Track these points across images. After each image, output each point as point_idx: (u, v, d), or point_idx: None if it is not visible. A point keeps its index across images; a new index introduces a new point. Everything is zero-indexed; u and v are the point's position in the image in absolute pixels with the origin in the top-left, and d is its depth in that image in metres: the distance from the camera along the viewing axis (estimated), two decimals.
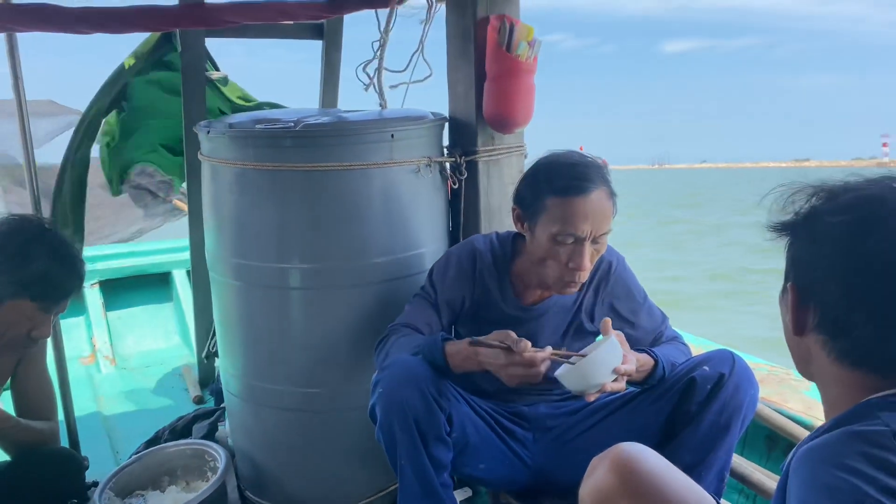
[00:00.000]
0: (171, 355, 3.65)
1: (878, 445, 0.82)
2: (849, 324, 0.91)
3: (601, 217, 1.71)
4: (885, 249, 0.87)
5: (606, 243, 1.78)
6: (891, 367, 0.90)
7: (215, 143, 2.14)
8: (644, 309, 1.92)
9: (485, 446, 1.84)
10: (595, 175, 1.73)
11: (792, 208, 0.99)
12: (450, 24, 2.34)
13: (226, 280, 2.20)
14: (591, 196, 1.69)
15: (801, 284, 0.97)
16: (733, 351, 1.75)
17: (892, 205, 0.90)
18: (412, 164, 2.11)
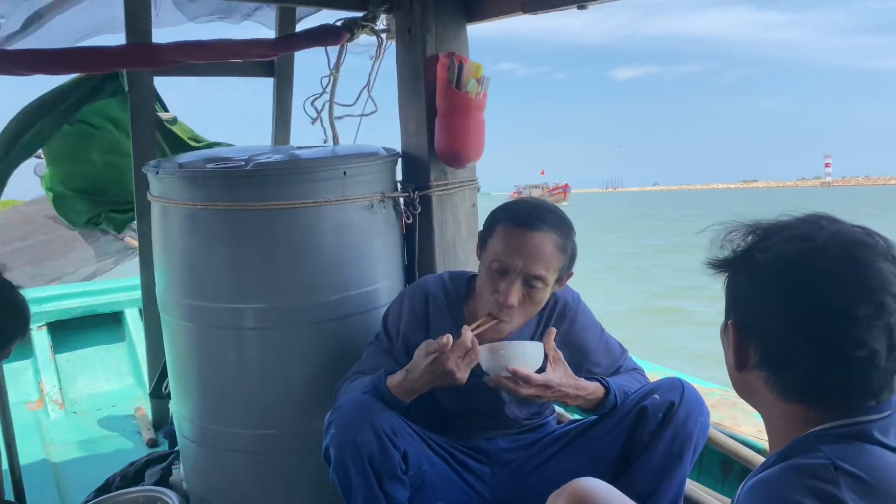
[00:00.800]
0: (124, 397, 3.55)
1: (820, 479, 0.84)
2: (789, 359, 0.93)
3: (537, 258, 1.70)
4: (820, 286, 0.90)
5: (543, 295, 1.76)
6: (831, 400, 0.92)
7: (165, 184, 2.11)
8: (601, 344, 1.93)
9: (442, 483, 1.83)
10: (551, 220, 1.73)
11: (729, 246, 1.02)
12: (400, 61, 2.37)
13: (178, 321, 2.16)
14: (533, 233, 1.71)
15: (741, 322, 0.99)
16: (682, 379, 1.77)
17: (822, 243, 0.93)
18: (365, 200, 2.12)
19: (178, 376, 2.25)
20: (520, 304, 1.73)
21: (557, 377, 1.66)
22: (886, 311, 0.87)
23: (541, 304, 1.78)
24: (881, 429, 0.90)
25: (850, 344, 0.88)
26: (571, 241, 1.77)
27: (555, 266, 1.73)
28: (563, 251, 1.74)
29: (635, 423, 1.73)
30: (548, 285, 1.74)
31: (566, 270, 1.78)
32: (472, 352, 1.62)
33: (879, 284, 0.88)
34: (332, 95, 2.64)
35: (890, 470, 0.86)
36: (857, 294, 0.88)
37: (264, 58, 2.60)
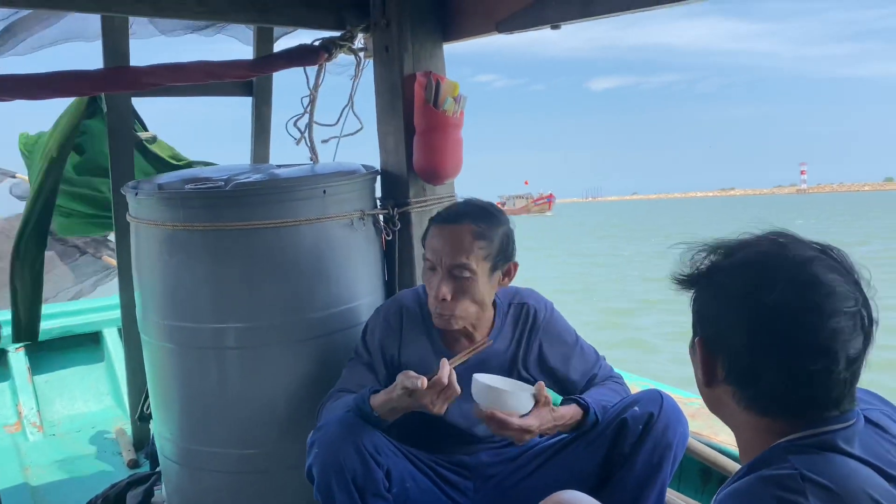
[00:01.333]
0: (104, 418, 3.51)
1: (788, 489, 0.86)
2: (755, 374, 0.96)
3: (455, 247, 1.75)
4: (780, 301, 0.93)
5: (476, 286, 1.78)
6: (797, 411, 0.95)
7: (143, 205, 2.11)
8: (576, 352, 1.95)
9: (426, 499, 1.84)
10: (471, 213, 1.80)
11: (693, 264, 1.05)
12: (378, 80, 2.40)
13: (158, 342, 2.16)
14: (449, 226, 1.78)
15: (708, 338, 1.02)
16: (661, 390, 1.80)
17: (780, 259, 0.96)
18: (345, 217, 2.13)
19: (160, 397, 2.24)
20: (454, 297, 1.77)
21: (537, 422, 1.66)
22: (841, 326, 0.91)
23: (478, 296, 1.79)
24: (845, 438, 0.93)
25: (810, 358, 0.91)
26: (497, 231, 1.80)
27: (477, 254, 1.76)
28: (484, 238, 1.77)
29: (616, 436, 1.75)
30: (476, 274, 1.76)
31: (500, 260, 1.81)
32: (449, 389, 1.62)
33: (835, 300, 0.92)
34: (311, 115, 2.66)
35: (855, 478, 0.89)
36: (812, 310, 0.91)
37: (243, 79, 2.61)
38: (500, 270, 1.83)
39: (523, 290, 2.00)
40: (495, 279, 1.83)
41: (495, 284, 1.84)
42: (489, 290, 1.83)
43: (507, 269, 1.86)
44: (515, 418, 1.63)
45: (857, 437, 0.94)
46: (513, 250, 1.86)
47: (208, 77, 2.20)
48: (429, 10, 2.34)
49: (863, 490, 0.88)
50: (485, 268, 1.78)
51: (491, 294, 1.85)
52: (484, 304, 1.83)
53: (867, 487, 0.88)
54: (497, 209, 1.87)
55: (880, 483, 0.90)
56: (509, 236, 1.84)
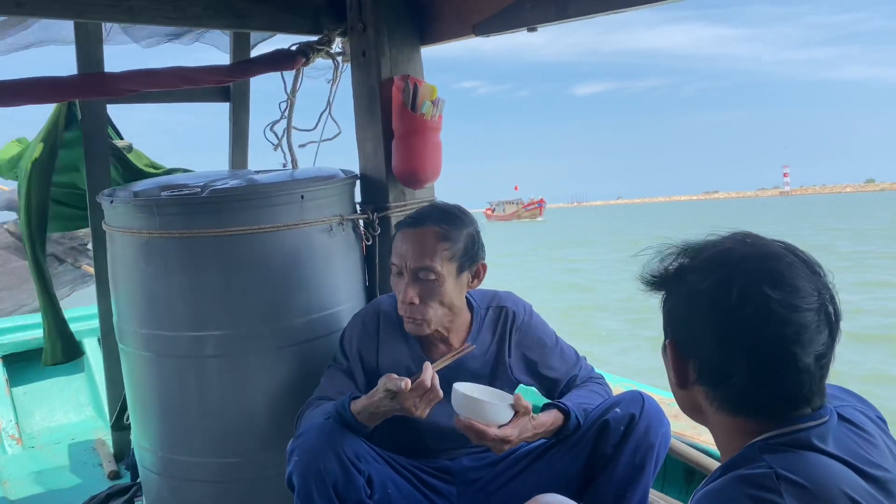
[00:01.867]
0: (84, 429, 3.47)
1: (763, 488, 0.86)
2: (726, 373, 0.96)
3: (418, 251, 1.75)
4: (746, 300, 0.93)
5: (443, 289, 1.77)
6: (769, 410, 0.95)
7: (119, 213, 2.09)
8: (556, 353, 1.95)
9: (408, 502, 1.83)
10: (434, 216, 1.80)
11: (662, 266, 1.05)
12: (356, 84, 2.39)
13: (135, 351, 2.14)
14: (414, 230, 1.79)
15: (679, 340, 1.03)
16: (643, 391, 1.80)
17: (745, 257, 0.97)
18: (324, 223, 2.12)
19: (139, 407, 2.21)
20: (422, 300, 1.77)
21: (516, 432, 1.65)
22: (807, 322, 0.92)
23: (446, 298, 1.78)
24: (819, 435, 0.93)
25: (778, 355, 0.92)
26: (462, 232, 1.79)
27: (441, 256, 1.76)
28: (448, 240, 1.77)
29: (598, 437, 1.75)
30: (441, 276, 1.76)
31: (466, 261, 1.80)
32: (432, 392, 1.62)
33: (799, 297, 0.92)
34: (289, 120, 2.65)
35: (830, 476, 0.89)
36: (777, 307, 0.92)
37: (220, 84, 2.59)
38: (467, 272, 1.82)
39: (501, 294, 1.99)
40: (463, 281, 1.82)
41: (464, 286, 1.83)
42: (458, 293, 1.82)
43: (476, 271, 1.85)
44: (493, 429, 1.62)
45: (831, 434, 0.94)
46: (479, 251, 1.85)
47: (184, 83, 2.18)
48: (405, 13, 2.34)
49: (838, 488, 0.87)
50: (451, 269, 1.78)
51: (460, 296, 1.84)
52: (453, 306, 1.82)
53: (842, 485, 0.88)
54: (462, 211, 1.86)
55: (855, 480, 0.90)
56: (475, 237, 1.83)
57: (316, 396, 1.88)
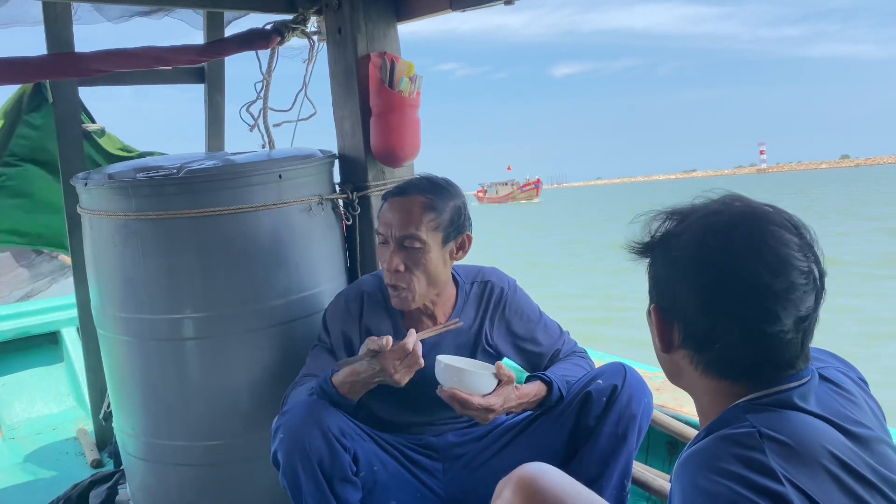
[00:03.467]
0: (65, 419, 3.43)
1: (747, 446, 0.86)
2: (710, 336, 0.96)
3: (403, 219, 1.76)
4: (731, 261, 0.93)
5: (428, 257, 1.77)
6: (753, 372, 0.95)
7: (94, 195, 2.06)
8: (540, 327, 1.96)
9: (394, 482, 1.82)
10: (420, 185, 1.81)
11: (648, 232, 1.05)
12: (332, 62, 2.36)
13: (115, 336, 2.11)
14: (399, 198, 1.79)
15: (663, 304, 1.02)
16: (625, 363, 1.81)
17: (732, 219, 0.96)
18: (303, 202, 2.10)
19: (119, 392, 2.19)
20: (407, 269, 1.77)
21: (500, 401, 1.67)
22: (794, 285, 0.91)
23: (430, 267, 1.79)
24: (801, 395, 0.93)
25: (762, 318, 0.92)
26: (448, 203, 1.80)
27: (427, 225, 1.77)
28: (433, 209, 1.78)
29: (581, 409, 1.76)
30: (426, 245, 1.77)
31: (452, 231, 1.81)
32: (412, 357, 1.63)
33: (786, 260, 0.92)
34: (265, 100, 2.61)
35: (811, 433, 0.90)
36: (765, 270, 0.91)
37: (193, 64, 2.54)
38: (452, 242, 1.82)
39: (486, 269, 1.99)
40: (448, 251, 1.82)
41: (448, 258, 1.83)
42: (442, 264, 1.82)
43: (461, 242, 1.85)
44: (477, 397, 1.63)
45: (813, 393, 0.95)
46: (465, 223, 1.85)
47: (157, 63, 2.14)
48: None
49: (820, 444, 0.88)
50: (436, 239, 1.78)
51: (445, 269, 1.84)
52: (438, 278, 1.82)
53: (824, 442, 0.89)
54: (449, 183, 1.86)
55: (837, 437, 0.91)
56: (461, 209, 1.83)
57: (302, 374, 1.88)
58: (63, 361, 3.80)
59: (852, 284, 12.12)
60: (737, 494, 0.82)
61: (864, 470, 0.90)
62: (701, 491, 0.85)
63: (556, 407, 1.79)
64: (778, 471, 0.83)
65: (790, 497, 0.81)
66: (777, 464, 0.84)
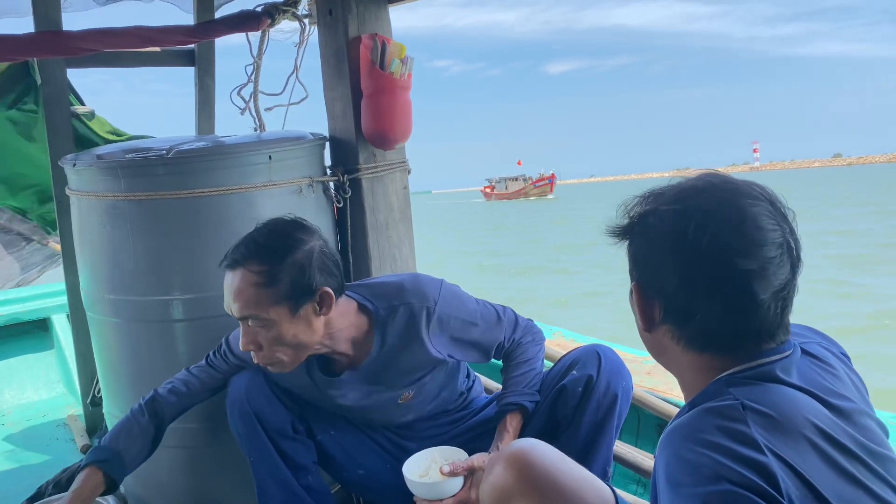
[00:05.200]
0: (55, 406, 3.42)
1: (730, 418, 0.87)
2: (691, 311, 0.97)
3: (236, 299, 1.55)
4: (708, 234, 0.94)
5: (278, 333, 1.56)
6: (734, 346, 0.96)
7: (83, 176, 2.05)
8: (480, 327, 1.79)
9: (360, 450, 1.84)
10: (248, 254, 1.55)
11: (627, 213, 1.06)
12: (322, 44, 2.35)
13: (104, 318, 2.10)
14: (229, 272, 1.58)
15: (643, 281, 1.03)
16: (598, 347, 1.77)
17: (709, 193, 0.97)
18: (293, 184, 2.09)
19: (109, 375, 2.18)
20: (263, 346, 1.58)
21: (475, 492, 1.57)
22: (770, 258, 0.92)
23: (288, 339, 1.58)
24: (783, 368, 0.94)
25: (740, 290, 0.92)
26: (283, 267, 1.54)
27: (263, 303, 1.53)
28: (266, 284, 1.53)
29: (555, 402, 1.74)
30: (271, 321, 1.55)
31: (299, 297, 1.56)
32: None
33: (763, 233, 0.93)
34: (256, 83, 2.60)
35: (794, 405, 0.91)
36: (742, 244, 0.92)
37: (183, 45, 2.53)
38: (306, 306, 1.57)
39: (406, 286, 1.74)
40: (305, 316, 1.58)
41: (311, 318, 1.59)
42: (305, 328, 1.59)
43: (319, 299, 1.59)
44: (448, 501, 1.58)
45: (795, 367, 0.96)
46: (316, 277, 1.56)
47: (145, 43, 2.13)
48: None
49: (802, 416, 0.89)
50: (282, 312, 1.55)
51: (313, 330, 1.60)
52: (304, 343, 1.61)
53: (806, 413, 0.90)
54: (284, 235, 1.59)
55: (819, 409, 0.92)
56: (304, 266, 1.55)
57: (184, 374, 1.86)
58: (53, 348, 3.79)
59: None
60: (720, 465, 0.82)
61: (846, 441, 0.91)
62: (684, 462, 0.86)
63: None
64: (761, 441, 0.84)
65: (773, 467, 0.82)
66: (760, 435, 0.85)
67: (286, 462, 1.75)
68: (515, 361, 1.83)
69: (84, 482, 1.66)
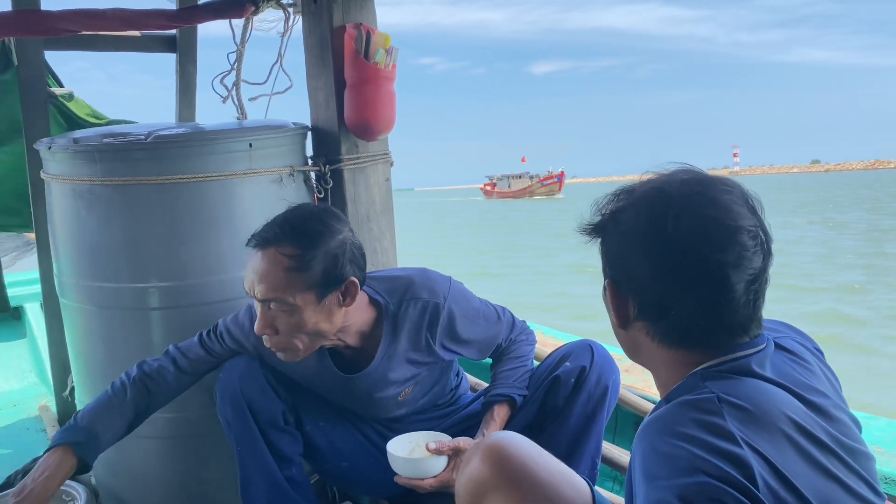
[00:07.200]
0: (27, 395, 3.36)
1: (706, 411, 0.87)
2: (664, 306, 0.97)
3: (263, 280, 1.51)
4: (679, 229, 0.94)
5: (296, 319, 1.53)
6: (708, 340, 0.96)
7: (59, 160, 2.01)
8: (480, 325, 1.80)
9: (347, 443, 1.82)
10: (283, 234, 1.52)
11: (599, 212, 1.06)
12: (306, 32, 2.33)
13: (79, 305, 2.07)
14: (259, 252, 1.54)
15: (616, 278, 1.03)
16: (591, 341, 1.80)
17: (677, 189, 0.97)
18: (274, 172, 2.07)
19: (82, 363, 2.15)
20: (280, 331, 1.55)
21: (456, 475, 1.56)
22: (745, 246, 0.93)
23: (308, 327, 1.55)
24: (757, 362, 0.95)
25: (713, 282, 0.93)
26: (317, 253, 1.51)
27: (292, 288, 1.50)
28: (298, 270, 1.50)
29: (548, 392, 1.75)
30: (296, 307, 1.52)
31: (328, 286, 1.53)
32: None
33: (734, 225, 0.93)
34: (238, 71, 2.57)
35: (768, 398, 0.91)
36: (717, 233, 0.93)
37: (164, 30, 2.49)
38: (332, 295, 1.55)
39: (415, 279, 1.73)
40: (328, 305, 1.56)
41: (334, 308, 1.57)
42: (325, 318, 1.56)
43: (345, 290, 1.57)
44: (430, 480, 1.60)
45: (769, 360, 0.97)
46: (346, 267, 1.55)
47: (126, 26, 2.09)
48: None
49: (778, 409, 0.90)
50: (308, 298, 1.52)
51: (333, 319, 1.58)
52: (325, 331, 1.58)
53: (782, 407, 0.91)
54: (322, 222, 1.56)
55: (794, 402, 0.93)
56: (337, 255, 1.53)
57: (173, 351, 1.80)
58: (26, 337, 3.73)
59: None
60: (696, 457, 0.82)
61: (821, 435, 0.91)
62: (660, 454, 0.86)
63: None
64: (737, 434, 0.84)
65: (748, 459, 0.82)
66: (736, 427, 0.85)
67: (273, 453, 1.72)
68: (507, 357, 1.86)
69: (58, 466, 1.57)
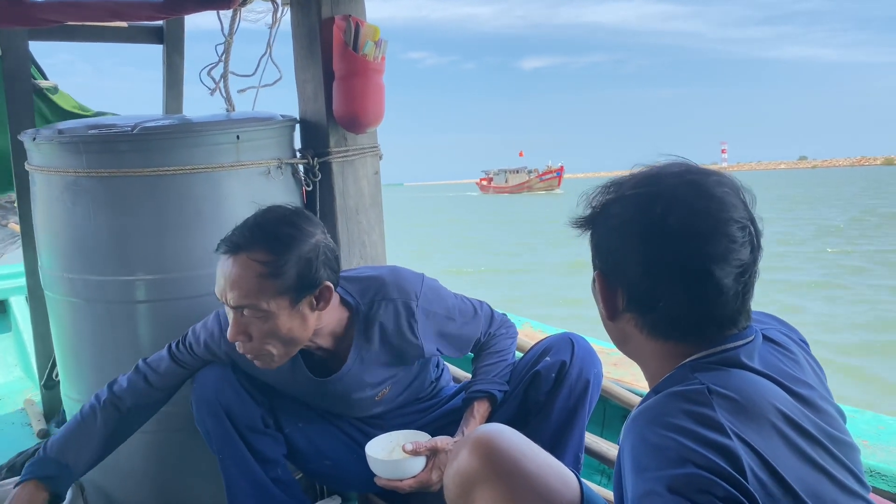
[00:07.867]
0: (12, 389, 3.34)
1: (696, 402, 0.87)
2: (653, 298, 0.97)
3: (234, 287, 1.47)
4: (667, 221, 0.94)
5: (270, 326, 1.50)
6: (697, 331, 0.96)
7: (44, 151, 1.99)
8: (456, 322, 1.78)
9: (328, 441, 1.82)
10: (255, 239, 1.48)
11: (589, 205, 1.05)
12: (295, 24, 2.31)
13: (64, 298, 2.05)
14: (230, 258, 1.50)
15: (605, 270, 1.03)
16: (571, 335, 1.79)
17: (668, 180, 0.97)
18: (261, 165, 2.06)
19: (67, 356, 2.13)
20: (253, 337, 1.52)
21: (436, 474, 1.58)
22: (734, 237, 0.93)
23: (282, 333, 1.52)
24: (746, 353, 0.95)
25: (703, 274, 0.93)
26: (290, 258, 1.48)
27: (265, 294, 1.47)
28: (272, 276, 1.47)
29: (528, 387, 1.75)
30: (269, 313, 1.49)
31: (301, 290, 1.51)
32: None
33: (728, 212, 0.93)
34: (226, 63, 2.55)
35: (758, 390, 0.91)
36: (708, 224, 0.93)
37: (151, 20, 2.46)
38: (306, 300, 1.53)
39: (386, 280, 1.71)
40: (302, 310, 1.53)
41: (306, 312, 1.54)
42: (300, 322, 1.54)
43: (318, 295, 1.54)
44: (408, 481, 1.59)
45: (757, 352, 0.97)
46: (320, 271, 1.52)
47: (112, 17, 2.07)
48: None
49: (767, 401, 0.90)
50: (282, 304, 1.49)
51: (306, 325, 1.56)
52: (297, 338, 1.56)
53: (770, 398, 0.91)
54: (294, 225, 1.53)
55: (781, 394, 0.93)
56: (311, 260, 1.50)
57: (143, 367, 1.75)
58: (11, 331, 3.70)
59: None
60: (685, 448, 0.82)
61: (808, 426, 0.92)
62: (649, 445, 0.85)
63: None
64: (726, 425, 0.84)
65: (737, 451, 0.82)
66: (725, 419, 0.85)
67: (255, 457, 1.70)
68: (487, 352, 1.84)
69: (29, 501, 1.54)
